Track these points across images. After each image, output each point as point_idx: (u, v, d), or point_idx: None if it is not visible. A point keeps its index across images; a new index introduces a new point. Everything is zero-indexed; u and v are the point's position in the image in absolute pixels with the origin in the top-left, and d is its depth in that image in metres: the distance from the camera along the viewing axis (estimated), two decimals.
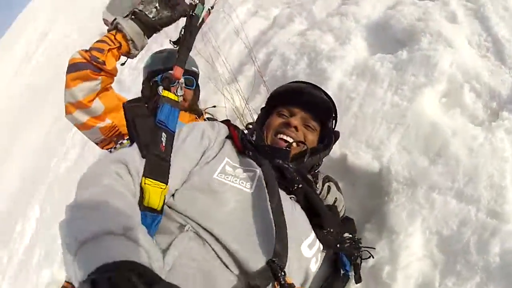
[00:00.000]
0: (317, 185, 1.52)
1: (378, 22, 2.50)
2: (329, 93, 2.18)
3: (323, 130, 1.65)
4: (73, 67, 1.74)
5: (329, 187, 1.57)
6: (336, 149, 2.01)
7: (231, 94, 3.15)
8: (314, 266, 1.27)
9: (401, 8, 2.44)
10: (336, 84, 2.29)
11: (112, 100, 1.91)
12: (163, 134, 1.19)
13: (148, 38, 1.86)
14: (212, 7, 2.31)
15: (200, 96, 3.73)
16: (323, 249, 1.34)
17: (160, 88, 1.58)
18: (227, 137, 1.44)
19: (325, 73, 2.36)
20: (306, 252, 1.23)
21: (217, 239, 1.06)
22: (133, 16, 1.75)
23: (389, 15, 2.44)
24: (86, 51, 1.76)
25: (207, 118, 2.39)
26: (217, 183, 1.20)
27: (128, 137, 1.88)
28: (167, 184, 1.12)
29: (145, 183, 1.07)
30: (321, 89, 1.72)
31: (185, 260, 1.00)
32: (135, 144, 1.17)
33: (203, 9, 2.16)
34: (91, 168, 1.10)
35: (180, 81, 1.70)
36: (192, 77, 2.17)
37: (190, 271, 0.98)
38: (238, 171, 1.28)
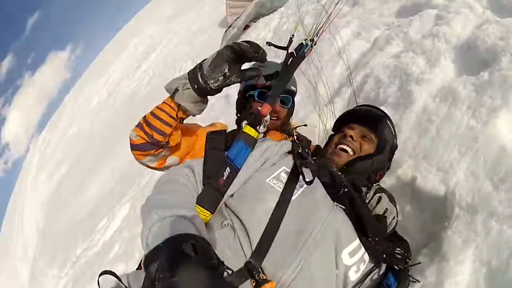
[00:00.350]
0: (367, 195, 1.53)
1: (466, 43, 2.39)
2: (412, 115, 2.28)
3: (381, 141, 1.70)
4: (135, 147, 1.68)
5: (379, 197, 1.54)
6: (408, 172, 2.02)
7: (326, 115, 3.27)
8: (354, 275, 1.27)
9: (486, 27, 2.31)
10: (421, 106, 2.26)
11: (184, 148, 1.83)
12: (228, 169, 1.34)
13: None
14: (315, 43, 2.50)
15: (299, 114, 3.95)
16: (369, 261, 1.34)
17: (244, 123, 1.52)
18: (289, 152, 1.55)
19: (412, 95, 2.35)
20: (346, 259, 1.25)
21: (246, 232, 1.20)
22: (195, 86, 1.51)
23: (475, 35, 2.32)
24: (144, 128, 1.62)
25: (297, 138, 2.25)
26: (266, 185, 1.33)
27: None
28: (212, 213, 1.29)
29: None
30: (378, 108, 1.84)
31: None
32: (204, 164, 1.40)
33: (309, 46, 2.35)
34: (170, 170, 1.44)
35: (265, 118, 1.62)
36: (289, 95, 2.15)
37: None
38: None
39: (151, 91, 13.00)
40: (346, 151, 1.63)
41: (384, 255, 1.36)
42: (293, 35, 2.67)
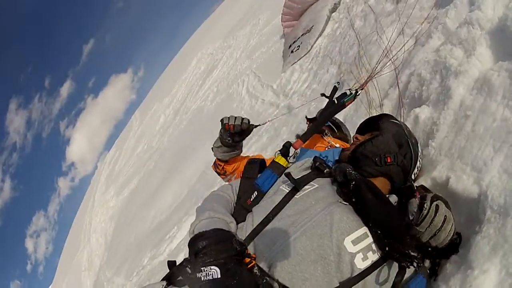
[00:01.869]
0: (425, 205, 1.49)
1: (498, 26, 2.14)
2: (450, 112, 2.14)
3: (381, 129, 1.84)
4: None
5: (437, 205, 1.50)
6: (443, 173, 1.88)
7: None
8: (362, 263, 1.37)
9: None
10: (458, 101, 2.09)
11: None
12: (255, 192, 1.70)
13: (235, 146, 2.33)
14: (358, 93, 2.69)
15: (353, 119, 3.93)
16: (378, 252, 1.42)
17: (277, 153, 1.93)
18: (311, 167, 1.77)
19: (450, 91, 2.18)
20: (350, 247, 1.38)
21: (253, 221, 1.54)
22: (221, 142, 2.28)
23: (505, 16, 2.07)
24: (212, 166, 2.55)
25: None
26: (279, 190, 1.64)
27: None
28: (237, 224, 1.60)
29: None
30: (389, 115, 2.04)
31: None
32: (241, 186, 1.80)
33: (351, 96, 2.60)
34: (220, 187, 1.86)
35: (296, 151, 2.09)
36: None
37: None
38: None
39: (216, 106, 13.54)
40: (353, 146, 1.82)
41: (387, 249, 1.39)
42: (338, 82, 2.96)
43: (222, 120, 2.16)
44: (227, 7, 36.08)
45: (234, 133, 2.14)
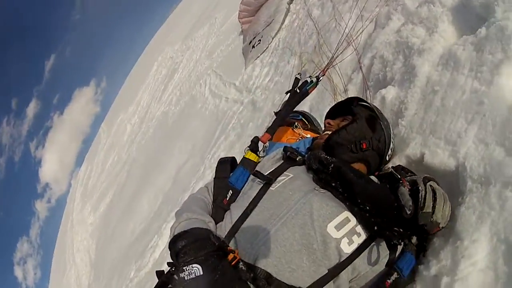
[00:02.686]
0: (420, 188, 1.44)
1: (460, 1, 2.19)
2: (417, 89, 2.15)
3: (354, 114, 1.82)
4: None
5: (431, 185, 1.46)
6: (417, 150, 1.88)
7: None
8: (348, 247, 1.37)
9: None
10: (424, 79, 2.11)
11: None
12: (230, 191, 1.69)
13: None
14: (319, 79, 2.71)
15: (319, 107, 3.94)
16: (365, 233, 1.42)
17: (246, 149, 1.87)
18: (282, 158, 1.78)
19: (415, 69, 2.20)
20: (334, 233, 1.37)
21: (231, 219, 1.53)
22: None
23: None
24: None
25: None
26: (254, 185, 1.64)
27: None
28: (216, 224, 1.60)
29: None
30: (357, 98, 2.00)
31: None
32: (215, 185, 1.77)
33: (314, 84, 2.60)
34: (198, 190, 1.84)
35: (265, 144, 2.04)
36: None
37: None
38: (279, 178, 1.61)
39: (181, 110, 13.31)
40: (327, 134, 1.78)
41: (376, 227, 1.40)
42: (299, 73, 2.99)
43: None
44: (183, 9, 35.45)
45: None
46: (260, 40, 8.57)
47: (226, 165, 1.84)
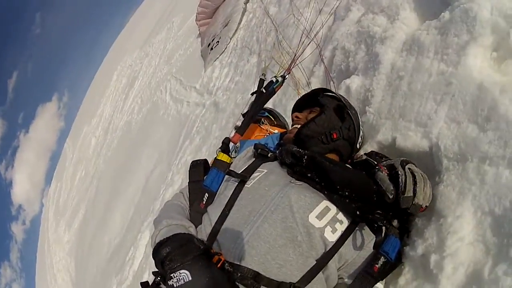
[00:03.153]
0: (399, 172, 1.43)
1: None
2: (382, 76, 2.15)
3: (321, 106, 1.80)
4: None
5: (409, 168, 1.46)
6: (388, 135, 1.89)
7: None
8: (332, 235, 1.37)
9: None
10: (388, 66, 2.13)
11: None
12: (206, 194, 1.64)
13: None
14: (285, 78, 2.69)
15: (282, 102, 3.93)
16: (348, 220, 1.42)
17: (218, 150, 1.84)
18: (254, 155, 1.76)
19: (378, 57, 2.22)
20: (316, 223, 1.36)
21: (210, 221, 1.50)
22: None
23: None
24: None
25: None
26: (229, 184, 1.62)
27: None
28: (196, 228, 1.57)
29: None
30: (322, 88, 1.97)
31: None
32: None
33: (280, 83, 2.58)
34: (173, 196, 1.78)
35: (236, 145, 2.01)
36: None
37: None
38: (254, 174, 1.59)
39: (143, 118, 13.02)
40: (296, 127, 1.76)
41: (358, 212, 1.38)
42: (263, 74, 2.95)
43: None
44: (140, 16, 34.75)
45: None
46: (218, 41, 8.47)
47: (199, 168, 1.79)
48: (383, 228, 1.42)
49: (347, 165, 1.65)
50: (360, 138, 1.83)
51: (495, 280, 1.19)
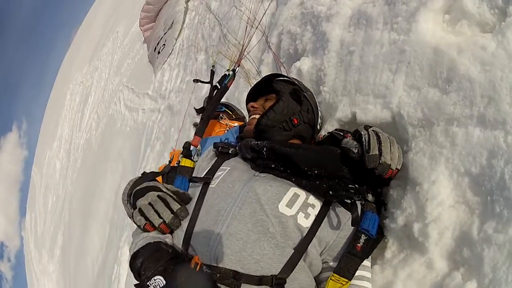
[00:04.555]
0: (362, 133, 1.40)
1: None
2: (333, 54, 2.05)
3: (277, 92, 1.72)
4: None
5: (374, 130, 1.42)
6: (347, 111, 1.80)
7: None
8: (306, 221, 1.31)
9: None
10: (337, 43, 2.03)
11: None
12: None
13: None
14: (236, 71, 2.55)
15: (235, 95, 3.83)
16: (320, 202, 1.36)
17: (180, 156, 1.74)
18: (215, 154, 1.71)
19: (326, 35, 2.12)
20: (287, 211, 1.30)
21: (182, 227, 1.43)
22: None
23: None
24: None
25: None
26: (194, 188, 1.55)
27: None
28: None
29: None
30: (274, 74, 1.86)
31: None
32: None
33: (231, 77, 2.46)
34: None
35: (197, 148, 1.93)
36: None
37: None
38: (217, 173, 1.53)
39: (102, 133, 12.54)
40: (254, 118, 1.66)
41: (331, 191, 1.32)
42: (213, 66, 2.85)
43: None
44: (84, 31, 33.48)
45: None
46: (164, 44, 8.21)
47: (171, 175, 1.70)
48: (358, 203, 1.37)
49: (309, 145, 1.62)
50: (319, 119, 1.78)
51: (486, 239, 1.14)
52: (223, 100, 2.79)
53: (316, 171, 1.35)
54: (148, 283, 1.17)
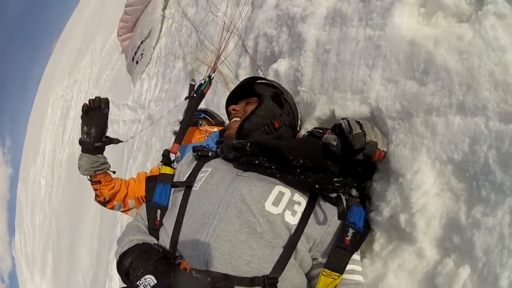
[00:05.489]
0: (342, 124, 1.39)
1: None
2: (309, 54, 2.03)
3: (258, 96, 1.71)
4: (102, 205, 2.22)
5: (353, 119, 1.40)
6: (325, 109, 1.79)
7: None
8: (293, 218, 1.28)
9: None
10: (313, 42, 2.02)
11: (133, 193, 2.23)
12: (158, 211, 1.51)
13: (96, 153, 2.01)
14: (212, 78, 2.59)
15: (214, 102, 3.78)
16: (306, 198, 1.34)
17: (159, 164, 1.73)
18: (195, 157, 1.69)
19: (301, 36, 2.10)
20: (273, 210, 1.27)
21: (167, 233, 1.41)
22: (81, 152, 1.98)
23: None
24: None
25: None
26: (176, 192, 1.54)
27: None
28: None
29: None
30: (255, 77, 1.87)
31: None
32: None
33: (207, 83, 2.52)
34: (133, 218, 1.63)
35: (176, 155, 1.96)
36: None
37: None
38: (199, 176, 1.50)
39: None
40: (236, 121, 1.67)
41: (317, 186, 1.29)
42: (193, 79, 2.83)
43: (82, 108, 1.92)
44: (63, 44, 32.91)
45: (93, 112, 1.92)
46: (142, 53, 8.08)
47: (151, 185, 1.66)
48: (343, 198, 1.35)
49: (292, 138, 1.63)
50: (299, 121, 1.78)
51: (475, 223, 1.13)
52: (201, 106, 2.78)
53: (301, 161, 1.32)
54: (138, 282, 1.15)
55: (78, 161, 2.01)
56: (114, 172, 2.19)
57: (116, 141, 2.07)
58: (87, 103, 1.92)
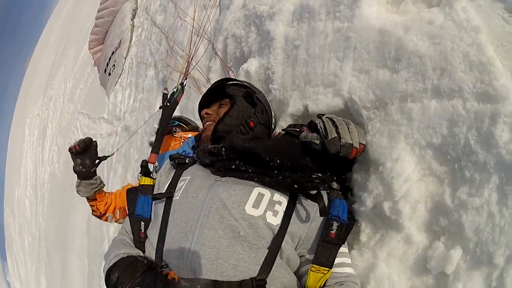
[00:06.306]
0: (316, 121, 1.35)
1: None
2: (279, 51, 1.98)
3: (230, 97, 1.66)
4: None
5: (327, 117, 1.36)
6: (298, 105, 1.75)
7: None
8: (275, 218, 1.25)
9: None
10: (282, 39, 1.96)
11: (121, 205, 2.36)
12: (142, 223, 1.48)
13: (93, 177, 2.19)
14: (184, 85, 2.59)
15: (188, 107, 3.70)
16: (286, 198, 1.31)
17: (139, 175, 1.71)
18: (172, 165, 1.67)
19: (270, 33, 2.05)
20: (254, 212, 1.24)
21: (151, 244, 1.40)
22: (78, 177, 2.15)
23: None
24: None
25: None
26: (157, 204, 1.51)
27: None
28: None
29: None
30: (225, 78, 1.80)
31: None
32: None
33: (179, 91, 2.50)
34: (118, 232, 1.58)
35: (154, 165, 1.97)
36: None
37: None
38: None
39: (65, 164, 11.74)
40: (210, 124, 1.61)
41: (296, 185, 1.26)
42: (165, 88, 2.84)
43: (69, 150, 2.04)
44: (35, 62, 31.96)
45: (82, 152, 2.05)
46: (114, 65, 7.85)
47: (134, 196, 1.63)
48: (324, 193, 1.32)
49: (267, 138, 1.62)
50: (273, 119, 1.74)
51: (462, 204, 1.11)
52: (175, 114, 2.71)
53: (278, 161, 1.28)
54: None
55: (76, 187, 2.15)
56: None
57: (104, 158, 2.16)
58: (74, 147, 2.05)
